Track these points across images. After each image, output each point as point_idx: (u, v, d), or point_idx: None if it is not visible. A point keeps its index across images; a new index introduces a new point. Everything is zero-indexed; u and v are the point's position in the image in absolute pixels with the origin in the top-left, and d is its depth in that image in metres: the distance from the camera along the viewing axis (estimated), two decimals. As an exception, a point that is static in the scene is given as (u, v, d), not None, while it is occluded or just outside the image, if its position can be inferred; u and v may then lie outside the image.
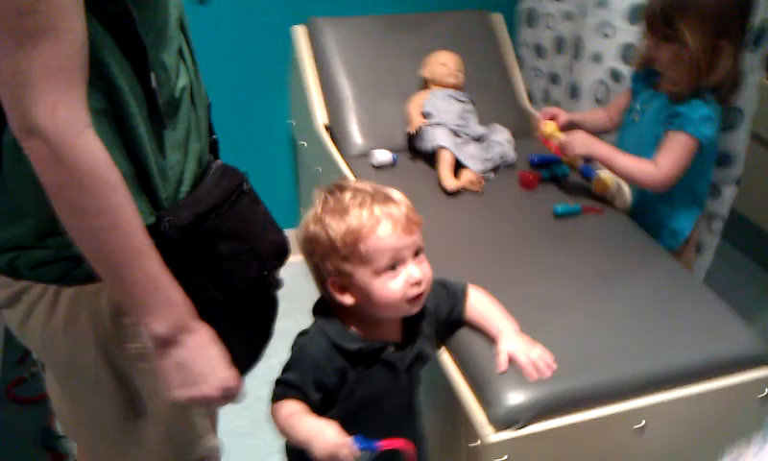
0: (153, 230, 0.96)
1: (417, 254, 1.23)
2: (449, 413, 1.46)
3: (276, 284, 1.20)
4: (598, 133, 2.01)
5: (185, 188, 1.06)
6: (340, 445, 1.12)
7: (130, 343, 1.07)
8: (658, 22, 1.76)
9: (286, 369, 1.25)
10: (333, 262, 1.21)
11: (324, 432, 1.14)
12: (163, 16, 0.99)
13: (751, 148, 2.74)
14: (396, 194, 1.26)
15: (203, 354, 1.00)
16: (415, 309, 1.26)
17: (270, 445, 1.25)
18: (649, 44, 1.83)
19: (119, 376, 1.10)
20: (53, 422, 1.93)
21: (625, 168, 1.85)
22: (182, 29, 1.08)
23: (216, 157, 1.22)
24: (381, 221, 1.19)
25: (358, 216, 1.19)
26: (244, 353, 1.13)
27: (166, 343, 0.97)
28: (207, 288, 1.05)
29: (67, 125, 0.83)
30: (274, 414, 1.22)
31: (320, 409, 1.23)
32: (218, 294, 1.07)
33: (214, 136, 1.24)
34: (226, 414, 1.28)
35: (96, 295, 1.02)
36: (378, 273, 1.20)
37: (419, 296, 1.23)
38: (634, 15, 2.06)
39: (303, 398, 1.21)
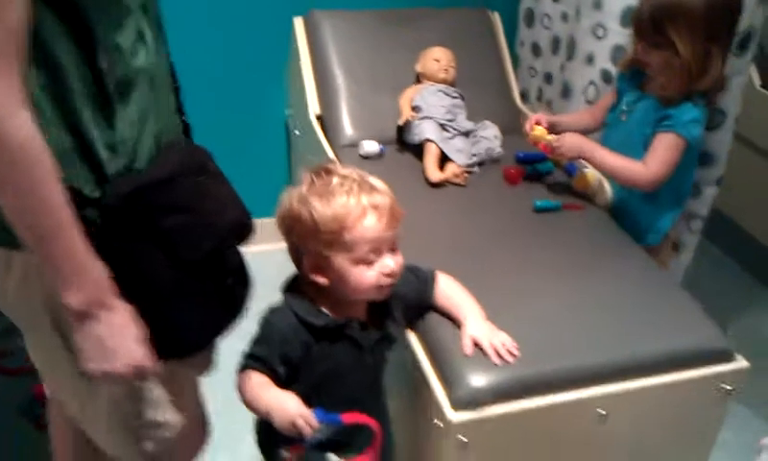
0: (97, 204, 1.01)
1: (393, 246, 1.28)
2: (416, 393, 1.50)
3: (239, 260, 1.21)
4: (581, 133, 2.04)
5: (140, 165, 1.09)
6: (299, 415, 1.16)
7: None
8: (647, 29, 1.79)
9: (254, 342, 1.30)
10: (313, 244, 1.24)
11: (284, 403, 1.19)
12: None
13: (736, 150, 2.78)
14: (380, 184, 1.29)
15: (117, 331, 1.03)
16: (383, 295, 1.30)
17: (248, 424, 1.29)
18: (638, 50, 1.86)
19: (69, 338, 1.12)
20: (38, 392, 1.98)
21: (615, 168, 1.88)
22: (146, 10, 1.10)
23: (187, 137, 1.26)
24: (367, 212, 1.22)
25: (345, 203, 1.21)
26: (197, 325, 1.16)
27: (81, 316, 1.00)
28: (154, 258, 1.07)
29: (1, 106, 0.86)
30: (240, 386, 1.27)
31: (285, 382, 1.27)
32: (167, 265, 1.09)
33: (184, 118, 1.27)
34: (208, 392, 1.30)
35: None
36: (356, 261, 1.24)
37: (389, 285, 1.28)
38: (626, 18, 2.09)
39: (269, 371, 1.26)
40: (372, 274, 1.25)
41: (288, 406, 1.18)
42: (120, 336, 1.03)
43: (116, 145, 1.04)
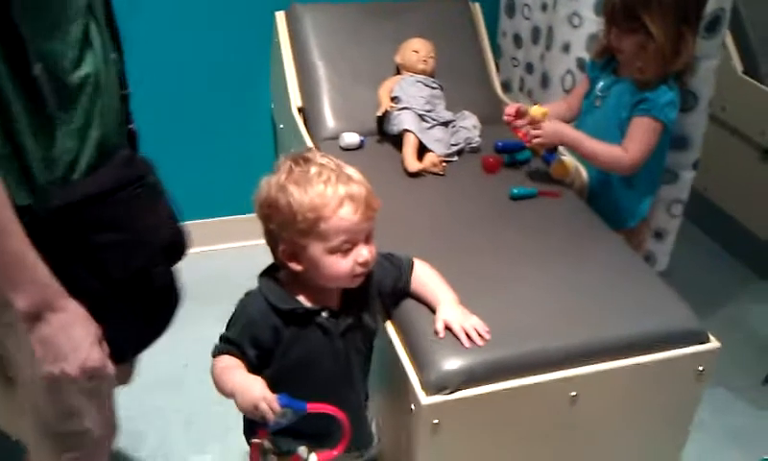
0: (28, 212, 1.00)
1: (369, 236, 1.29)
2: (392, 378, 1.52)
3: (168, 280, 1.21)
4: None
5: (78, 175, 1.07)
6: (262, 398, 1.17)
7: (2, 313, 1.09)
8: (619, 15, 1.82)
9: (228, 326, 1.33)
10: (289, 232, 1.25)
11: (249, 386, 1.20)
12: (57, 5, 1.00)
13: (720, 136, 2.80)
14: (356, 174, 1.29)
15: (66, 333, 1.03)
16: (356, 283, 1.32)
17: (237, 414, 1.31)
18: (611, 37, 1.88)
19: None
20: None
21: (594, 152, 1.91)
22: (92, 12, 1.08)
23: (134, 148, 1.24)
24: (344, 203, 1.23)
25: (322, 193, 1.22)
26: (121, 342, 1.15)
27: (31, 318, 1.00)
28: (81, 275, 1.06)
29: None
30: (212, 368, 1.29)
31: (258, 367, 1.29)
32: (93, 282, 1.08)
33: (131, 126, 1.25)
34: (198, 382, 1.31)
35: None
36: (331, 251, 1.25)
37: (362, 273, 1.30)
38: (599, 7, 2.10)
39: (240, 354, 1.28)
40: (347, 263, 1.27)
41: (252, 389, 1.19)
42: (69, 338, 1.03)
43: (53, 155, 1.03)
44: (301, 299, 1.32)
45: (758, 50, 2.76)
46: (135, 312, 1.16)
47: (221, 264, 2.79)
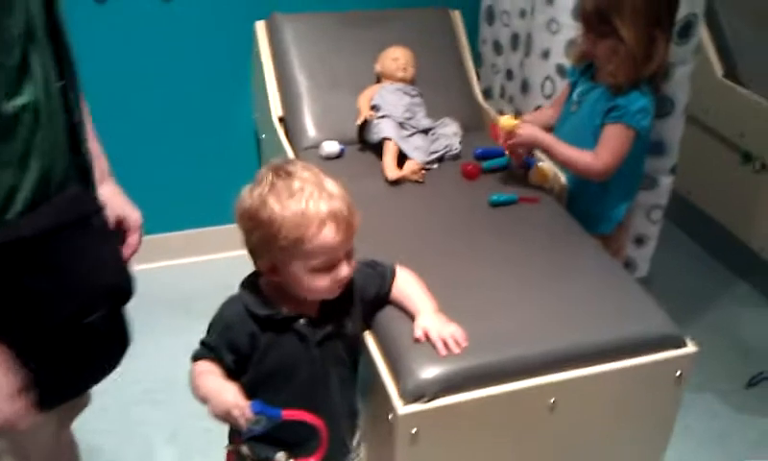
0: None
1: (349, 253, 1.29)
2: (371, 387, 1.51)
3: (109, 326, 1.16)
4: (547, 129, 2.07)
5: (13, 213, 1.00)
6: (234, 405, 1.17)
7: None
8: (593, 20, 1.83)
9: (207, 331, 1.33)
10: (270, 248, 1.24)
11: (222, 392, 1.20)
12: None
13: (701, 140, 2.82)
14: (336, 190, 1.26)
15: None
16: (334, 295, 1.31)
17: (222, 428, 1.30)
18: (586, 42, 1.89)
19: None
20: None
21: (567, 158, 1.92)
22: (32, 39, 1.00)
23: (86, 180, 1.17)
24: (327, 223, 1.21)
25: (305, 212, 1.20)
26: (52, 388, 1.10)
27: None
28: (11, 317, 1.01)
29: None
30: (190, 373, 1.29)
31: (236, 373, 1.29)
32: (24, 326, 1.03)
33: (83, 157, 1.16)
34: (183, 396, 1.30)
35: None
36: (312, 270, 1.24)
37: (341, 287, 1.30)
38: (577, 12, 2.11)
39: (217, 359, 1.28)
40: (326, 281, 1.27)
41: (224, 395, 1.19)
42: None
43: None
44: (280, 306, 1.31)
45: (737, 53, 2.78)
46: (70, 358, 1.10)
47: (207, 275, 2.79)
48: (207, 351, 1.29)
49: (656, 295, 1.62)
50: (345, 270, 1.27)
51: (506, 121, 1.98)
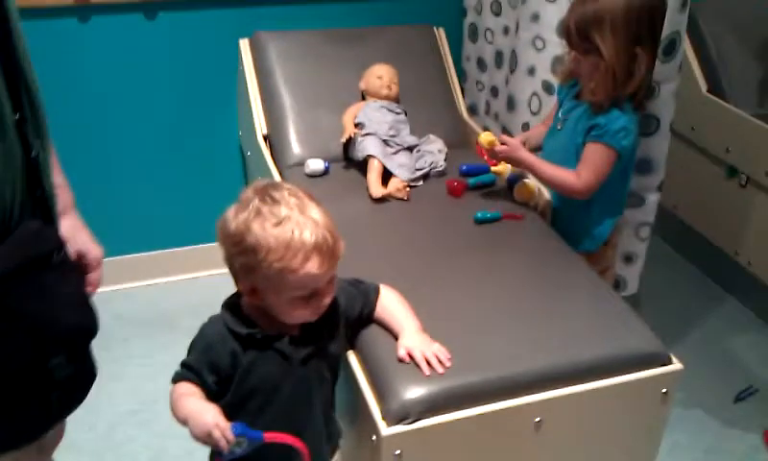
0: None
1: (331, 280, 1.28)
2: (354, 408, 1.50)
3: (69, 370, 1.11)
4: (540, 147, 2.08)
5: None
6: (215, 425, 1.15)
7: None
8: (574, 38, 1.83)
9: (188, 351, 1.30)
10: (252, 274, 1.22)
11: (203, 413, 1.18)
12: None
13: (686, 155, 2.83)
14: (321, 217, 1.24)
15: None
16: (314, 319, 1.30)
17: (207, 450, 1.28)
18: (571, 59, 1.89)
19: None
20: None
21: (548, 176, 1.91)
22: None
23: (47, 216, 1.12)
24: (311, 257, 1.19)
25: (289, 243, 1.18)
26: (7, 432, 1.07)
27: None
28: None
29: None
30: (170, 394, 1.27)
31: (218, 394, 1.27)
32: None
33: (43, 191, 1.11)
34: (169, 418, 1.28)
35: None
36: (293, 300, 1.23)
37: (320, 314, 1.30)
38: (561, 29, 2.12)
39: (199, 380, 1.26)
40: (306, 311, 1.26)
41: (205, 417, 1.17)
42: None
43: None
44: (262, 325, 1.30)
45: (721, 68, 2.79)
46: (25, 405, 1.06)
47: (192, 294, 2.77)
48: (188, 371, 1.27)
49: (643, 311, 1.61)
50: (326, 299, 1.27)
51: (484, 137, 1.98)
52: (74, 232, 1.25)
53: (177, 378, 1.28)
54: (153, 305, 2.73)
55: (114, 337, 2.51)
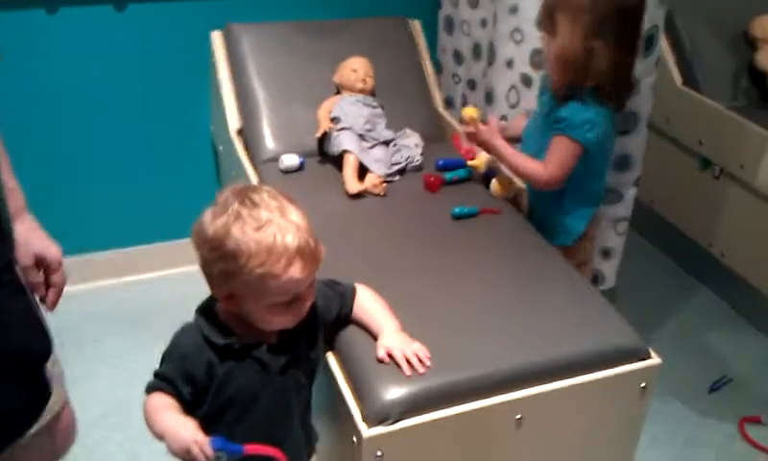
0: None
1: (311, 284, 1.25)
2: (334, 410, 1.48)
3: (15, 399, 1.08)
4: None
5: None
6: (193, 441, 1.11)
7: None
8: (544, 16, 1.81)
9: (161, 360, 1.26)
10: (231, 279, 1.18)
11: (180, 428, 1.14)
12: None
13: (662, 148, 2.85)
14: (301, 220, 1.21)
15: None
16: (293, 325, 1.27)
17: None
18: (543, 42, 1.87)
19: None
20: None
21: (516, 165, 1.91)
22: None
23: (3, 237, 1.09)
24: (294, 262, 1.16)
25: (271, 248, 1.15)
26: None
27: None
28: None
29: None
30: (144, 406, 1.22)
31: (193, 405, 1.24)
32: None
33: None
34: (143, 420, 1.25)
35: None
36: (273, 306, 1.20)
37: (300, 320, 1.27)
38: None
39: (174, 391, 1.22)
40: (286, 317, 1.24)
41: (183, 432, 1.13)
42: None
43: None
44: (239, 333, 1.26)
45: (695, 61, 2.81)
46: None
47: (164, 291, 2.73)
48: (162, 382, 1.22)
49: (619, 304, 1.61)
50: (306, 304, 1.24)
51: (468, 111, 1.98)
52: (30, 235, 1.21)
53: (151, 389, 1.23)
54: (123, 304, 2.68)
55: (85, 337, 2.46)
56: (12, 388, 1.05)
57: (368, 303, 1.48)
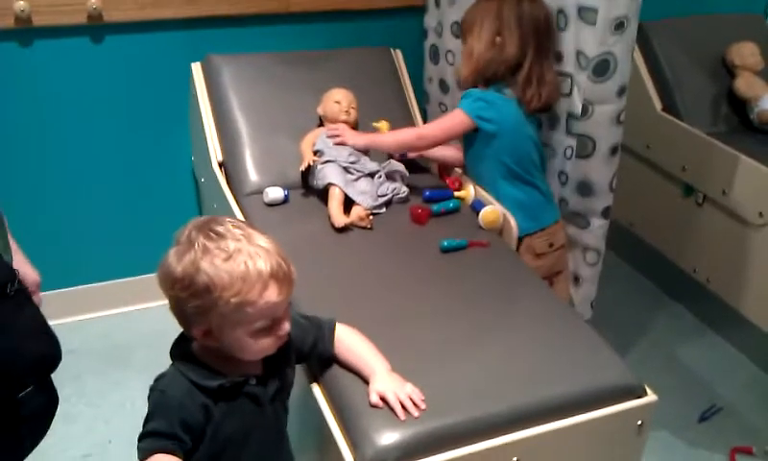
0: None
1: (287, 307, 1.23)
2: (326, 453, 1.43)
3: (39, 402, 1.10)
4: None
5: None
6: None
7: None
8: (462, 28, 2.13)
9: (149, 419, 1.19)
10: (208, 316, 1.16)
11: None
12: None
13: (642, 171, 2.85)
14: (269, 244, 1.20)
15: None
16: (276, 349, 1.25)
17: None
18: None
19: None
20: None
21: (389, 143, 2.17)
22: None
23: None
24: (269, 285, 1.15)
25: (246, 275, 1.14)
26: None
27: None
28: None
29: None
30: None
31: (189, 451, 1.19)
32: None
33: None
34: (125, 458, 1.19)
35: None
36: (254, 332, 1.19)
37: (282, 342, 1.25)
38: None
39: (175, 444, 1.16)
40: (269, 341, 1.22)
41: None
42: None
43: None
44: (224, 370, 1.23)
45: (675, 87, 2.82)
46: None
47: (145, 324, 2.68)
48: (161, 439, 1.16)
49: (601, 329, 1.59)
50: (286, 325, 1.23)
51: (378, 125, 2.25)
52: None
53: (150, 451, 1.15)
54: (104, 338, 2.62)
55: (65, 374, 2.37)
56: (35, 392, 1.08)
57: (353, 343, 1.45)
